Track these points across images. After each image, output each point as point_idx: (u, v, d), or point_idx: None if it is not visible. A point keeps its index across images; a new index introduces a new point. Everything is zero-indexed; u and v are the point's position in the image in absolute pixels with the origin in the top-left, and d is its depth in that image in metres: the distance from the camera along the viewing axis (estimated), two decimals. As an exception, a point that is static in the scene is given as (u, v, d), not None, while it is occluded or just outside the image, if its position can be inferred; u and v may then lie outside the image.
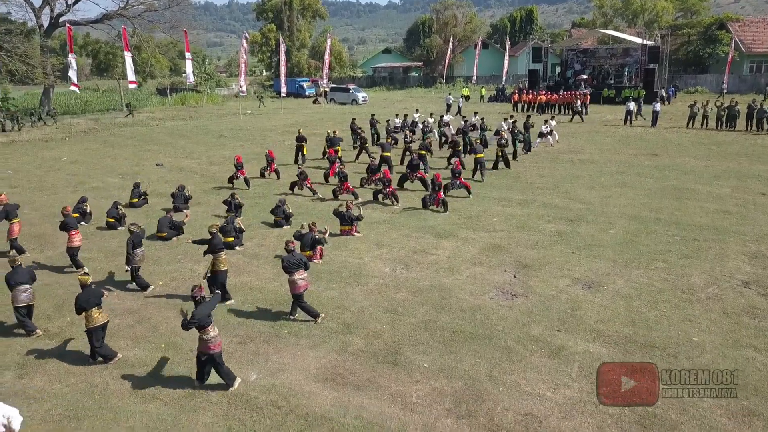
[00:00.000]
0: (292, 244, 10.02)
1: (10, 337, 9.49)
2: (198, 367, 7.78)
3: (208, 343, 7.54)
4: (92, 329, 8.31)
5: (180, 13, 48.46)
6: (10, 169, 24.15)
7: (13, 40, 38.16)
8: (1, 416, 5.51)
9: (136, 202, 17.41)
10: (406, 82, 74.69)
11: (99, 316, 8.40)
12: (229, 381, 7.73)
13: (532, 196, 17.53)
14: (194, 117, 44.09)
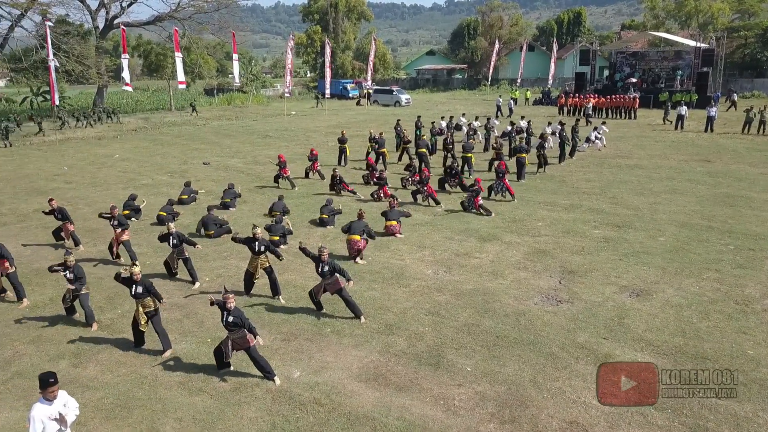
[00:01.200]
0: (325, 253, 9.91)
1: (66, 326, 9.86)
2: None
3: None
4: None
5: (228, 15, 49.48)
6: (66, 166, 25.08)
7: (70, 41, 39.67)
8: (62, 405, 5.68)
9: (185, 198, 17.82)
10: (449, 84, 74.40)
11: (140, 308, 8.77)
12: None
13: (578, 201, 17.22)
14: (240, 117, 44.94)
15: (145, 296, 8.72)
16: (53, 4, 40.92)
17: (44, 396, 5.60)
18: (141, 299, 8.73)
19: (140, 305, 8.76)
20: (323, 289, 9.83)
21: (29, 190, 20.49)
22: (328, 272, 9.68)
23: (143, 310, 8.76)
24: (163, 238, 11.51)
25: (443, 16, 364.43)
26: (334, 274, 9.72)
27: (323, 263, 9.67)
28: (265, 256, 10.75)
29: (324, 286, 9.81)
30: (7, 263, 10.74)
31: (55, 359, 8.74)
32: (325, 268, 9.68)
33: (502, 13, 75.82)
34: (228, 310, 7.75)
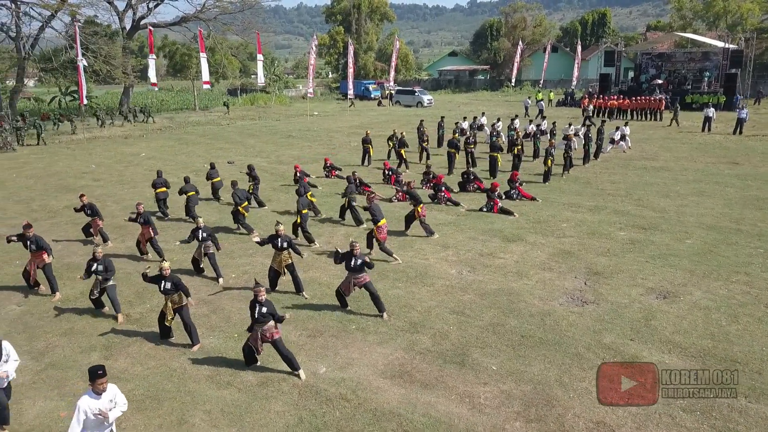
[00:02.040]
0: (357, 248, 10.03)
1: (97, 318, 10.06)
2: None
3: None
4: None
5: (252, 16, 49.89)
6: (94, 164, 25.53)
7: (98, 41, 40.30)
8: (109, 400, 5.79)
9: (217, 182, 18.22)
10: (471, 85, 74.17)
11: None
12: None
13: (603, 203, 17.08)
14: (263, 117, 45.32)
15: (173, 292, 8.87)
16: (82, 5, 41.59)
17: (93, 389, 5.70)
18: (170, 295, 8.88)
19: (169, 301, 8.91)
20: (352, 284, 9.90)
21: (59, 187, 20.90)
22: (360, 266, 9.76)
23: (171, 306, 8.92)
24: (193, 233, 11.67)
25: (465, 18, 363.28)
26: (364, 268, 9.80)
27: (356, 257, 9.75)
28: (288, 253, 10.86)
29: (353, 281, 9.88)
30: (45, 254, 11.03)
31: (87, 351, 8.93)
32: (357, 262, 9.76)
33: (525, 14, 75.36)
34: (260, 302, 7.87)
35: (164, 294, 8.87)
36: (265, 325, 7.93)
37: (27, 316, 10.32)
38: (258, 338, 7.98)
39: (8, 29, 38.75)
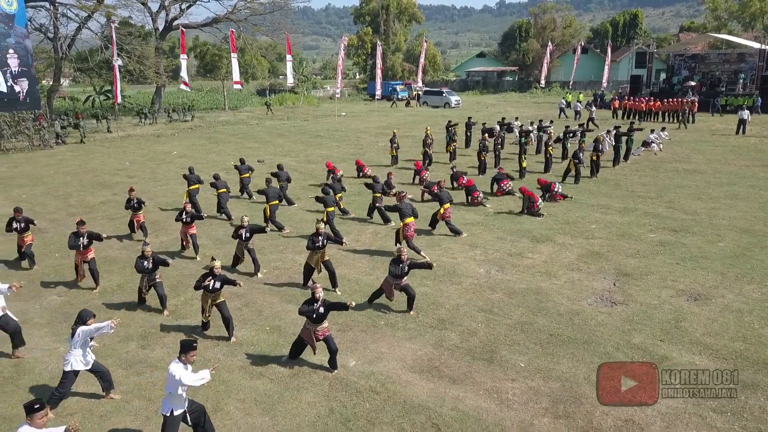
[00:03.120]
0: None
1: (133, 311, 10.38)
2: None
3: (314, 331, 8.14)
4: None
5: (281, 17, 50.46)
6: (128, 161, 26.15)
7: (132, 42, 41.21)
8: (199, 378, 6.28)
9: (246, 177, 18.67)
10: (499, 86, 73.81)
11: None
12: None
13: (632, 205, 16.94)
14: (291, 117, 45.78)
15: (219, 290, 9.09)
16: (118, 7, 42.63)
17: (185, 359, 6.26)
18: (216, 293, 9.10)
19: (211, 298, 9.12)
20: (394, 288, 10.03)
21: (94, 184, 21.46)
22: (407, 271, 9.91)
23: (212, 302, 9.14)
24: (237, 230, 11.96)
25: (493, 18, 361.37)
26: (408, 272, 9.92)
27: (403, 263, 9.85)
28: (326, 250, 11.05)
29: (395, 285, 10.00)
30: (92, 250, 11.50)
31: (125, 341, 9.22)
32: (405, 269, 9.87)
33: (555, 14, 74.73)
34: (317, 300, 8.01)
35: (211, 292, 9.04)
36: (321, 325, 8.07)
37: (67, 306, 10.67)
38: (312, 336, 8.11)
39: (46, 30, 39.83)
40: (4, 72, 27.68)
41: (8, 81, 27.92)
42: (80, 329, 7.13)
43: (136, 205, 14.51)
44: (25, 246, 12.60)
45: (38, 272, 12.40)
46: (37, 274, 12.31)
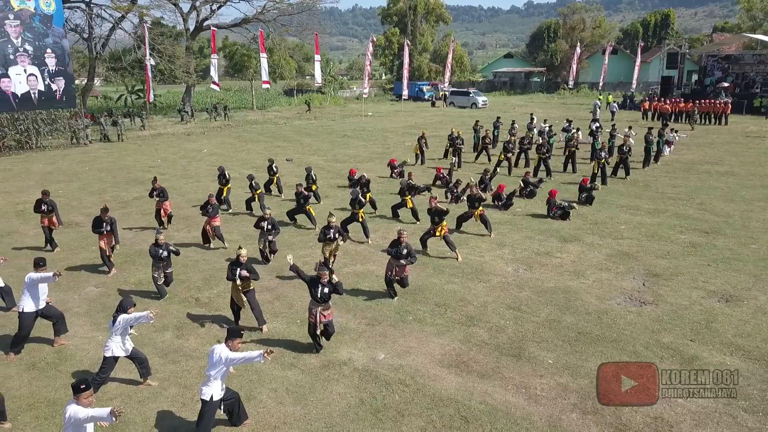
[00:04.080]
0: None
1: (170, 302, 10.65)
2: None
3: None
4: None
5: (308, 18, 50.92)
6: (160, 159, 26.68)
7: (164, 42, 42.01)
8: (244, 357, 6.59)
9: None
10: (527, 87, 73.31)
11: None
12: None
13: (663, 206, 16.78)
14: (318, 117, 46.11)
15: (247, 279, 9.35)
16: (151, 7, 43.50)
17: (231, 345, 6.52)
18: (244, 282, 9.35)
19: (240, 286, 9.37)
20: (395, 270, 10.42)
21: (128, 180, 21.97)
22: (405, 255, 10.31)
23: (242, 290, 9.39)
24: (259, 222, 12.34)
25: (521, 19, 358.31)
26: (408, 257, 10.32)
27: (402, 245, 10.34)
28: (337, 243, 11.52)
29: (396, 268, 10.38)
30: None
31: (161, 331, 9.49)
32: (403, 251, 10.29)
33: (584, 15, 73.92)
34: (322, 284, 8.37)
35: (241, 280, 9.28)
36: (323, 306, 8.41)
37: (104, 297, 11.00)
38: (317, 317, 8.44)
39: (82, 30, 40.81)
40: (42, 71, 28.45)
41: (46, 80, 28.68)
42: (121, 317, 7.39)
43: (159, 196, 15.00)
44: (49, 226, 13.54)
45: (76, 264, 12.78)
46: (76, 266, 12.69)
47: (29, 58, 27.85)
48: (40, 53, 28.21)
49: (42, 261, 8.81)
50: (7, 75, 27.14)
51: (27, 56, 27.76)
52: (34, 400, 7.62)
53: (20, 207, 17.64)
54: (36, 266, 8.72)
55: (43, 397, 7.67)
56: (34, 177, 22.67)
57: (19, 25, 27.22)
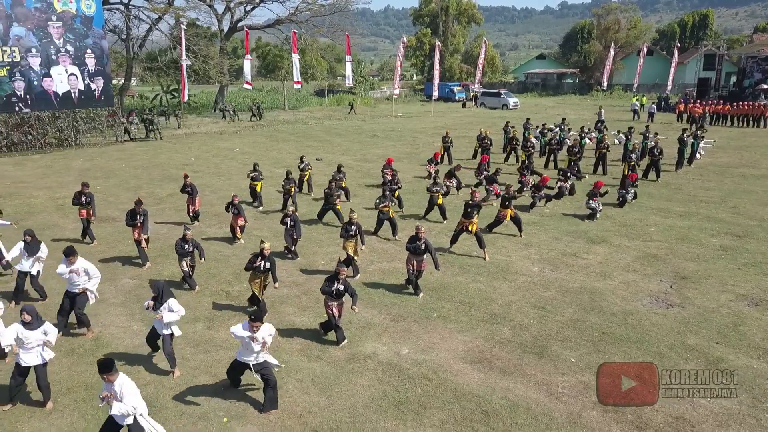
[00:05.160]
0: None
1: (201, 294, 10.99)
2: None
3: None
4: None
5: (340, 19, 51.31)
6: (193, 157, 27.28)
7: (199, 42, 42.87)
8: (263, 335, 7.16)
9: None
10: (559, 88, 72.59)
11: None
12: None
13: (694, 209, 16.57)
14: (349, 117, 46.46)
15: (267, 272, 9.64)
16: (186, 9, 44.39)
17: (250, 326, 7.20)
18: (264, 274, 9.64)
19: (261, 279, 9.67)
20: (413, 264, 10.69)
21: (162, 177, 22.54)
22: (423, 250, 10.57)
23: (261, 283, 9.73)
24: (283, 219, 12.72)
25: (555, 20, 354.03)
26: (425, 252, 10.59)
27: (420, 241, 10.56)
28: (358, 239, 11.79)
29: (414, 262, 10.64)
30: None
31: (192, 322, 9.81)
32: (421, 246, 10.54)
33: (619, 15, 72.83)
34: (339, 279, 8.66)
35: (261, 272, 9.60)
36: (338, 301, 8.77)
37: (139, 288, 11.39)
38: (335, 311, 8.81)
39: (120, 31, 41.89)
40: (82, 71, 29.37)
41: (85, 79, 29.60)
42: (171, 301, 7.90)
43: (189, 191, 15.45)
44: (87, 218, 14.14)
45: (113, 257, 13.24)
46: (112, 259, 13.15)
47: (70, 59, 28.81)
48: (80, 53, 29.15)
49: (70, 250, 9.30)
50: (50, 75, 28.13)
51: (68, 56, 28.72)
52: (72, 384, 8.01)
53: (60, 202, 18.27)
54: (66, 256, 9.25)
55: (81, 382, 8.04)
56: (74, 173, 23.41)
57: (61, 26, 28.17)
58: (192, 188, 15.59)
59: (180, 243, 10.97)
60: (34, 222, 16.06)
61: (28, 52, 27.20)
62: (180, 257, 11.05)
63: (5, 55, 26.52)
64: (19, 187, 20.75)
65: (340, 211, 15.37)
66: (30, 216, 16.84)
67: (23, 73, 27.23)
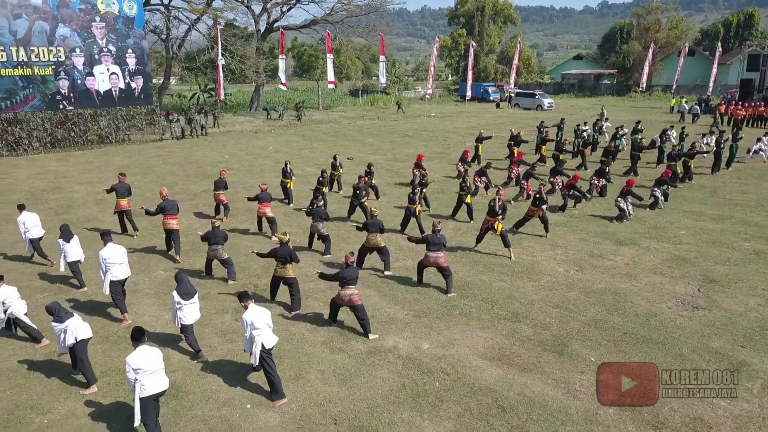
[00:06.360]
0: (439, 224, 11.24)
1: (229, 287, 11.33)
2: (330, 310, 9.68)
3: (343, 297, 9.14)
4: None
5: (376, 19, 51.57)
6: (227, 155, 27.87)
7: (236, 43, 43.70)
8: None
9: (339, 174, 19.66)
10: (596, 89, 71.49)
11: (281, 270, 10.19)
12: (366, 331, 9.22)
13: (728, 212, 16.26)
14: (381, 117, 46.70)
15: (288, 261, 10.08)
16: (224, 9, 45.30)
17: (244, 305, 7.61)
18: (285, 265, 10.11)
19: (281, 269, 10.15)
20: (431, 261, 10.83)
21: (197, 174, 23.12)
22: (442, 245, 10.83)
23: (282, 273, 10.17)
24: (309, 213, 13.28)
25: (594, 20, 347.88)
26: (442, 248, 10.79)
27: (438, 231, 10.91)
28: (380, 236, 12.03)
29: (434, 259, 10.77)
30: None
31: (221, 313, 10.15)
32: (444, 239, 10.92)
33: (660, 15, 71.30)
34: (349, 264, 9.17)
35: (281, 263, 10.09)
36: (349, 290, 9.05)
37: (171, 280, 11.70)
38: (342, 298, 9.10)
39: (160, 32, 43.00)
40: (123, 70, 30.33)
41: (126, 78, 30.56)
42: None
43: (223, 187, 15.99)
44: (125, 211, 14.76)
45: (147, 249, 13.71)
46: (147, 251, 13.62)
47: (112, 58, 29.78)
48: (121, 53, 30.10)
49: (107, 234, 10.20)
50: (92, 74, 29.13)
51: (110, 56, 29.70)
52: (107, 368, 8.40)
53: (100, 196, 18.94)
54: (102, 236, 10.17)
55: (115, 366, 8.42)
56: (113, 169, 24.17)
57: (104, 26, 29.14)
58: (225, 185, 16.06)
59: (210, 233, 11.47)
60: (75, 215, 16.73)
61: (72, 52, 28.24)
62: (210, 247, 11.46)
63: (51, 55, 27.58)
64: (61, 181, 21.59)
65: (367, 208, 15.57)
66: (71, 210, 17.54)
67: (67, 72, 28.28)
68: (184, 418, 7.24)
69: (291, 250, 10.17)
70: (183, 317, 8.47)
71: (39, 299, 10.74)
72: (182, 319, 8.47)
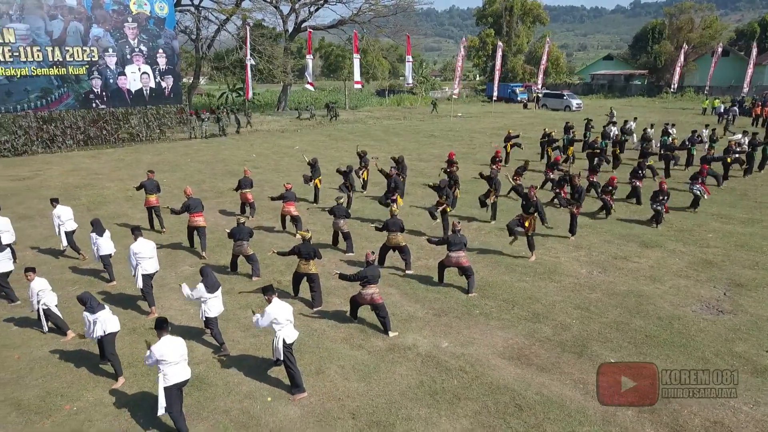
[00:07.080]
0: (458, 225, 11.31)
1: (252, 284, 11.53)
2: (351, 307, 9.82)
3: (365, 296, 9.25)
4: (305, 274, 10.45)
5: (404, 19, 51.62)
6: (254, 153, 28.24)
7: (264, 43, 44.21)
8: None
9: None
10: (626, 90, 70.45)
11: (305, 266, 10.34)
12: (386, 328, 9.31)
13: (759, 216, 15.95)
14: (407, 117, 46.75)
15: (311, 258, 10.24)
16: (253, 10, 45.88)
17: (267, 298, 7.79)
18: (308, 260, 10.26)
19: (304, 265, 10.29)
20: (453, 261, 10.88)
21: (224, 172, 23.49)
22: (463, 245, 10.89)
23: (304, 268, 10.32)
24: (331, 211, 13.44)
25: (626, 19, 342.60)
26: (463, 248, 10.86)
27: (458, 230, 10.98)
28: (401, 235, 12.13)
29: (456, 259, 10.82)
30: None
31: (244, 308, 10.34)
32: (464, 239, 10.98)
33: (693, 14, 69.89)
34: (369, 262, 9.29)
35: (304, 259, 10.25)
36: (370, 290, 9.15)
37: (197, 275, 11.96)
38: (364, 297, 9.22)
39: (190, 32, 43.73)
40: (154, 70, 30.96)
41: (156, 78, 31.19)
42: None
43: (249, 185, 16.29)
44: (154, 207, 15.15)
45: (174, 245, 14.02)
46: (174, 247, 13.92)
47: (143, 58, 30.42)
48: (152, 53, 30.72)
49: (137, 229, 10.47)
50: (124, 73, 29.80)
51: (141, 56, 30.34)
52: (133, 359, 8.65)
53: (130, 193, 19.37)
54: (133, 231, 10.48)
55: (141, 358, 8.64)
56: (143, 167, 24.68)
57: (136, 27, 29.78)
58: (250, 183, 16.33)
59: (236, 228, 11.72)
60: (105, 211, 17.16)
61: (105, 52, 28.93)
62: (235, 243, 11.70)
63: (85, 55, 28.29)
64: (93, 178, 22.14)
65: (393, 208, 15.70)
66: (102, 205, 17.99)
67: (100, 71, 28.97)
68: (207, 409, 7.43)
69: (314, 247, 10.35)
70: (207, 310, 8.67)
71: (70, 291, 11.09)
72: (207, 312, 8.67)
